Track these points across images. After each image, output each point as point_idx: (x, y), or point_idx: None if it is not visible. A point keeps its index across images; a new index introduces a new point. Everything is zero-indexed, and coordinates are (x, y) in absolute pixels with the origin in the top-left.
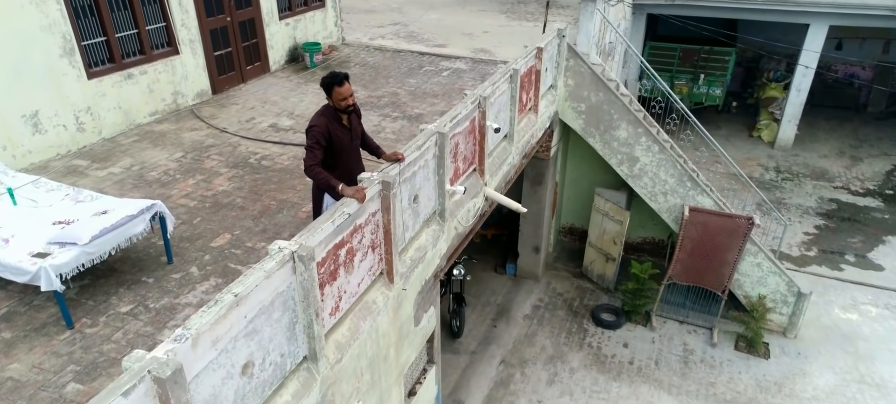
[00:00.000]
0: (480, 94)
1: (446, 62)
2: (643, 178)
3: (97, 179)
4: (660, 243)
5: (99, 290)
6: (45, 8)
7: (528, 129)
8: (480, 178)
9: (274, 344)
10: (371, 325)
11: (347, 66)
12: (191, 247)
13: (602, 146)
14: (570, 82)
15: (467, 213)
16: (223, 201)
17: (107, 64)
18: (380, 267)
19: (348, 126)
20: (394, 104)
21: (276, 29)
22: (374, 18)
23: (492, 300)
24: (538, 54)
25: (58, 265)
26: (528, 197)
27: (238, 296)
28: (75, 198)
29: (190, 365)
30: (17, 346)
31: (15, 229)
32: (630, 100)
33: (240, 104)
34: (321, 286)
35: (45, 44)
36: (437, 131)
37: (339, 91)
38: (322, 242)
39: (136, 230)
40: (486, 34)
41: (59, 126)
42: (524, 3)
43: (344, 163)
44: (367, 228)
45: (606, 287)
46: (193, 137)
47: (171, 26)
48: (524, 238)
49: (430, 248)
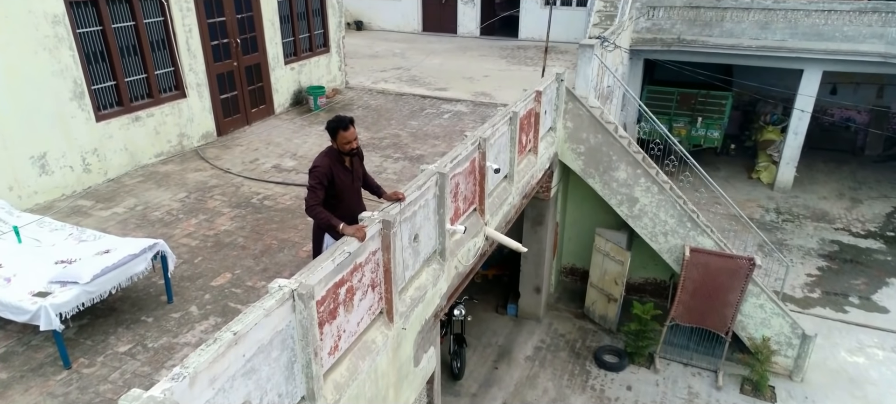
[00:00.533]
0: (480, 136)
1: (447, 105)
2: (643, 219)
3: (101, 219)
4: (661, 284)
5: (97, 330)
6: (58, 54)
7: (528, 170)
8: (481, 218)
9: (272, 384)
10: (370, 365)
11: (351, 109)
12: (191, 286)
13: (602, 187)
14: (569, 124)
15: (468, 253)
16: (225, 240)
17: (115, 107)
18: (379, 306)
19: (350, 168)
20: (396, 145)
21: (281, 73)
22: (378, 63)
23: (493, 341)
24: (537, 97)
25: (58, 304)
26: (529, 237)
27: (237, 335)
28: (78, 238)
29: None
30: (13, 387)
31: (17, 268)
32: (629, 142)
33: (244, 145)
34: (320, 325)
35: (56, 88)
36: (437, 171)
37: (344, 135)
38: (322, 280)
39: (137, 269)
40: (487, 78)
41: (66, 167)
42: (524, 49)
43: (346, 203)
44: (367, 267)
45: (608, 328)
46: (197, 178)
47: (180, 71)
48: (525, 278)
49: (430, 288)
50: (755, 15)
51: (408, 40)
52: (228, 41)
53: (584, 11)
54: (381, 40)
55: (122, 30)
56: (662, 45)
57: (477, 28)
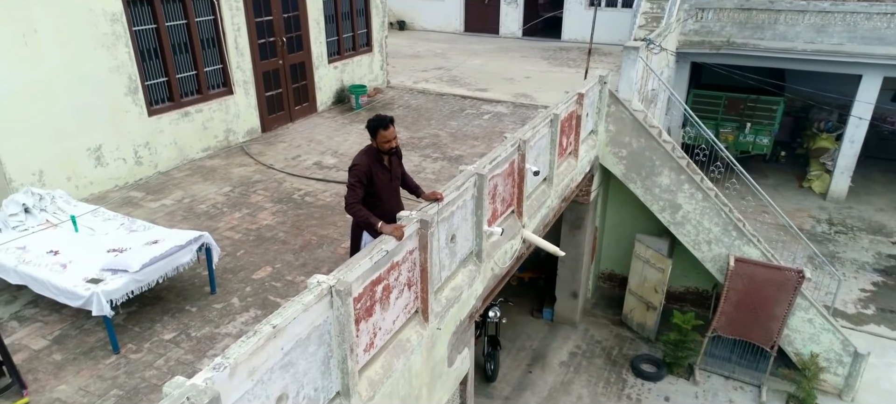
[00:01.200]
0: (520, 138)
1: (487, 106)
2: (686, 226)
3: (150, 210)
4: (703, 293)
5: (145, 317)
6: (115, 51)
7: (568, 173)
8: (518, 220)
9: (308, 378)
10: (404, 364)
11: (391, 108)
12: (233, 278)
13: (643, 192)
14: (610, 128)
15: (504, 255)
16: (266, 235)
17: (166, 102)
18: (415, 305)
19: (389, 166)
20: (435, 145)
21: (324, 72)
22: (419, 63)
23: (527, 345)
24: (579, 100)
25: (109, 291)
26: (567, 241)
27: (276, 328)
28: (129, 228)
29: (227, 394)
30: (66, 368)
31: (73, 255)
32: (673, 146)
33: (287, 142)
34: (357, 321)
35: (112, 84)
36: (476, 172)
37: (384, 134)
38: (360, 278)
39: (183, 260)
40: (528, 79)
41: (119, 159)
42: (566, 50)
43: (384, 202)
44: (404, 266)
45: (647, 336)
46: (242, 173)
47: (228, 68)
48: (562, 282)
49: (465, 289)
50: (811, 17)
51: (449, 41)
52: (274, 40)
53: (629, 13)
54: (422, 40)
55: (174, 28)
56: (711, 47)
57: (519, 29)
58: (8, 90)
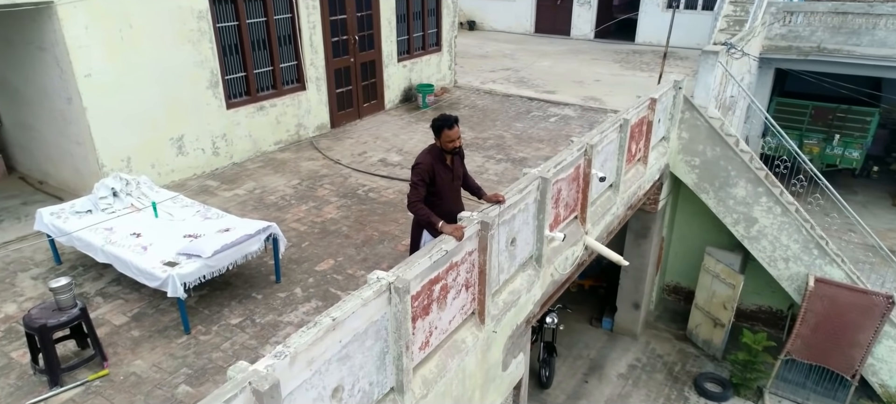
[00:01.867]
0: (587, 142)
1: (554, 108)
2: (761, 241)
3: (224, 199)
4: (777, 313)
5: (214, 301)
6: (200, 47)
7: (636, 180)
8: (581, 227)
9: (364, 372)
10: (459, 364)
11: (457, 108)
12: (297, 268)
13: (716, 203)
14: (684, 135)
15: (565, 261)
16: (330, 228)
17: (243, 96)
18: (472, 306)
19: (451, 166)
20: (499, 147)
21: (393, 70)
22: (487, 63)
23: (584, 353)
24: (651, 105)
25: (183, 274)
26: (631, 250)
27: (335, 321)
28: (204, 215)
29: (286, 382)
30: (143, 345)
31: (153, 239)
32: (751, 157)
33: (354, 138)
34: (414, 319)
35: (195, 77)
36: (539, 176)
37: (448, 133)
38: (418, 276)
39: (251, 249)
40: (598, 83)
41: (199, 149)
42: (640, 54)
43: (445, 201)
44: (463, 267)
45: (713, 354)
46: (310, 167)
47: (302, 65)
48: (624, 292)
49: (523, 293)
50: None
51: (518, 41)
52: (347, 38)
53: (710, 15)
54: (491, 41)
55: (254, 25)
56: (798, 53)
57: (591, 31)
58: (104, 81)
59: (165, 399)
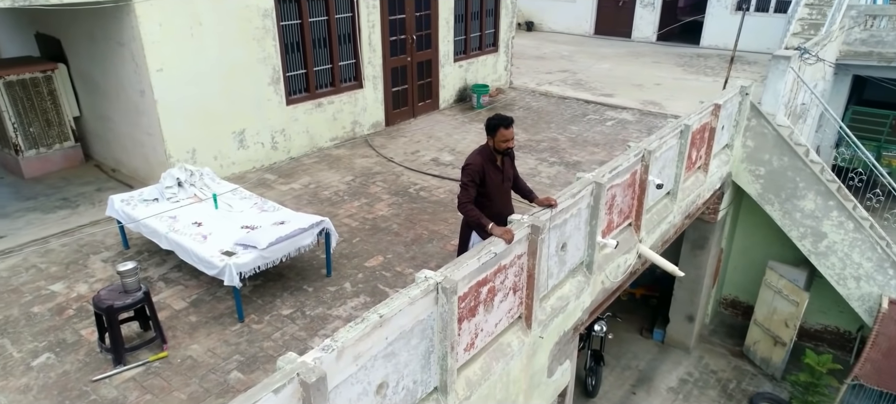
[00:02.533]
0: (645, 147)
1: (611, 112)
2: (830, 258)
3: (280, 193)
4: (845, 334)
5: (267, 292)
6: (264, 44)
7: (695, 189)
8: (635, 234)
9: (408, 370)
10: (503, 368)
11: (512, 109)
12: (348, 264)
13: (781, 216)
14: (749, 143)
15: (617, 269)
16: (381, 225)
17: (302, 93)
18: (519, 310)
19: (501, 167)
20: (553, 149)
21: (449, 70)
22: (544, 65)
23: (633, 364)
24: (715, 111)
25: (239, 264)
26: (687, 260)
27: (382, 318)
28: (261, 208)
29: (332, 375)
30: (199, 330)
31: (213, 228)
32: (822, 168)
33: (408, 137)
34: (459, 320)
35: (258, 74)
36: (594, 181)
37: (504, 133)
38: (466, 277)
39: (304, 242)
40: (658, 86)
41: (258, 144)
42: (704, 57)
43: (495, 202)
44: (511, 270)
45: (771, 373)
46: (363, 163)
47: (360, 63)
48: (677, 304)
49: (572, 299)
50: None
51: (577, 43)
52: (405, 37)
53: (782, 19)
54: (549, 42)
55: (316, 23)
56: (880, 59)
57: (654, 33)
58: (175, 76)
59: (218, 383)
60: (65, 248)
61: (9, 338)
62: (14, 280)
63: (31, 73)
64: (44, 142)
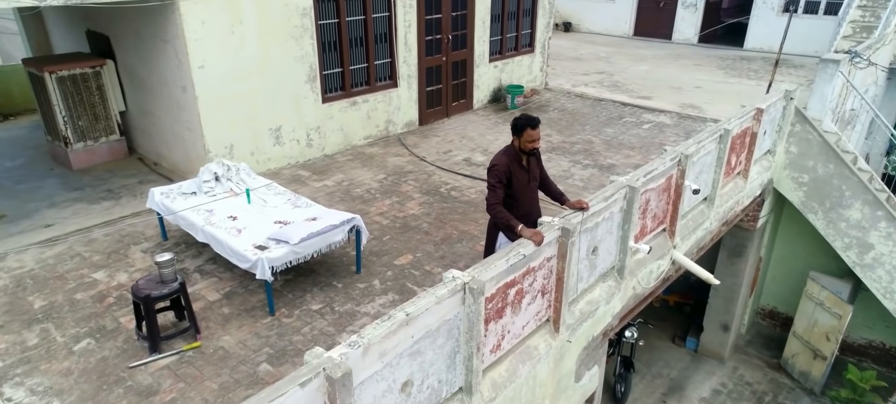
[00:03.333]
0: (682, 152)
1: (648, 115)
2: (877, 270)
3: (314, 189)
4: (891, 351)
5: (298, 287)
6: (302, 42)
7: (734, 195)
8: (669, 240)
9: (433, 369)
10: (529, 371)
11: (546, 111)
12: (377, 261)
13: (824, 225)
14: (792, 149)
15: (649, 275)
16: (411, 224)
17: (338, 91)
18: (547, 313)
19: (527, 167)
20: (587, 151)
21: (484, 70)
22: (580, 66)
23: (664, 372)
24: (757, 116)
25: (272, 258)
26: (724, 268)
27: (409, 316)
28: (294, 203)
29: (358, 372)
30: (232, 321)
31: (247, 223)
32: (870, 177)
33: (440, 136)
34: (486, 321)
35: (296, 71)
36: (627, 184)
37: (531, 133)
38: (494, 278)
39: (335, 239)
40: (698, 89)
41: (294, 140)
42: (748, 60)
43: (522, 203)
44: (540, 272)
45: (810, 388)
46: (396, 162)
47: (395, 63)
48: (712, 312)
49: (602, 304)
50: None
51: (616, 44)
52: (441, 37)
53: (832, 21)
54: (587, 43)
55: (353, 22)
56: None
57: (695, 35)
58: (216, 73)
59: (248, 375)
60: (107, 238)
61: (53, 323)
62: (60, 267)
63: (81, 69)
64: (91, 136)
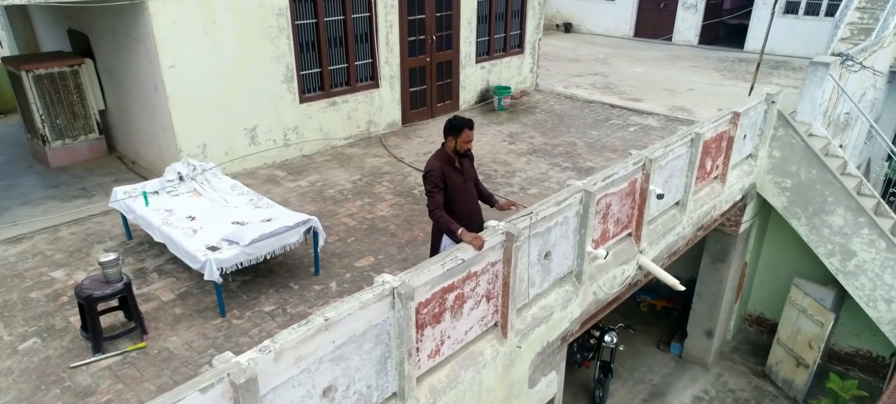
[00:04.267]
0: (646, 156)
1: (636, 117)
2: (860, 278)
3: (287, 189)
4: (878, 360)
5: (254, 288)
6: (278, 43)
7: (710, 200)
8: (635, 245)
9: (361, 374)
10: (474, 377)
11: (534, 112)
12: (338, 263)
13: (808, 231)
14: (775, 154)
15: (613, 280)
16: (379, 225)
17: (317, 91)
18: (494, 318)
19: (461, 168)
20: (568, 154)
21: (471, 71)
22: (576, 67)
23: (646, 378)
24: (734, 119)
25: (220, 259)
26: (707, 274)
27: (328, 321)
28: (256, 204)
29: (268, 377)
30: (182, 322)
31: (205, 223)
32: (859, 182)
33: (422, 137)
34: (422, 327)
35: (272, 72)
36: (583, 189)
37: (468, 134)
38: (428, 283)
39: (290, 240)
40: (691, 92)
41: (270, 140)
42: (747, 62)
43: (459, 203)
44: (484, 277)
45: (793, 396)
46: (374, 163)
47: (377, 63)
48: (696, 318)
49: (557, 310)
50: None
51: (615, 46)
52: (425, 38)
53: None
54: (587, 44)
55: (332, 23)
56: None
57: (695, 36)
58: (188, 72)
59: (188, 377)
60: (73, 236)
61: (3, 322)
62: (20, 265)
63: (59, 68)
64: (69, 134)
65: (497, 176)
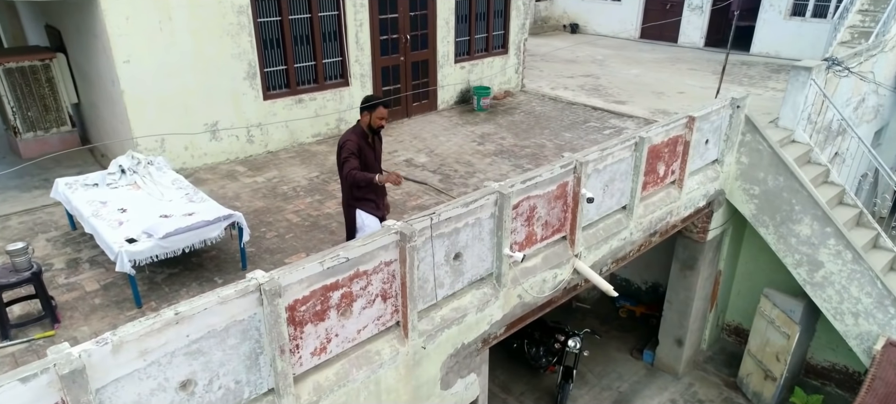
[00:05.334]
0: (577, 159)
1: (615, 120)
2: (827, 289)
3: (242, 185)
4: (853, 375)
5: (177, 281)
6: (239, 40)
7: (663, 205)
8: (570, 249)
9: (226, 369)
10: (368, 376)
11: (513, 113)
12: (269, 258)
13: (776, 240)
14: (743, 160)
15: (542, 284)
16: (321, 223)
17: (282, 89)
18: (394, 318)
19: (372, 145)
20: (534, 156)
21: (449, 70)
22: (569, 68)
23: (614, 385)
24: (689, 124)
25: (133, 252)
26: (676, 281)
27: (178, 315)
28: (190, 198)
29: (105, 370)
30: (97, 313)
31: (134, 215)
32: (841, 191)
33: (393, 137)
34: (301, 323)
35: (233, 68)
36: (498, 191)
37: (382, 111)
38: (304, 281)
39: (210, 235)
40: (681, 95)
41: (232, 136)
42: (750, 65)
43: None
44: (377, 276)
45: None
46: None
47: (347, 61)
48: (667, 325)
49: (472, 312)
50: None
51: (618, 47)
52: (398, 37)
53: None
54: (588, 45)
55: (297, 20)
56: None
57: (701, 39)
58: (144, 68)
59: None
60: (21, 226)
61: None
62: None
63: (30, 62)
64: (41, 126)
65: (456, 176)
